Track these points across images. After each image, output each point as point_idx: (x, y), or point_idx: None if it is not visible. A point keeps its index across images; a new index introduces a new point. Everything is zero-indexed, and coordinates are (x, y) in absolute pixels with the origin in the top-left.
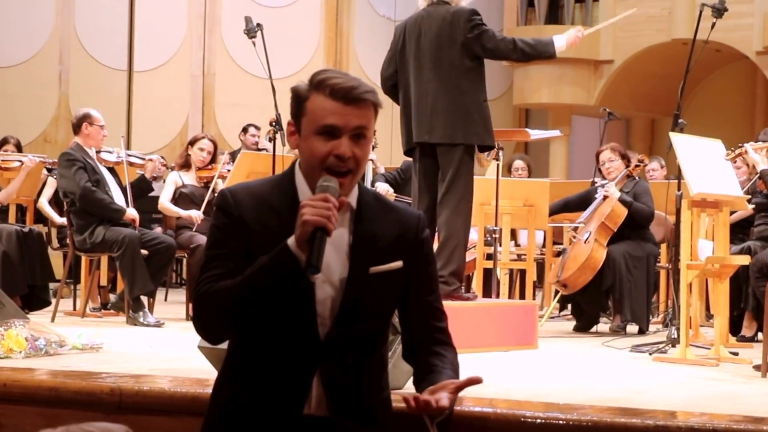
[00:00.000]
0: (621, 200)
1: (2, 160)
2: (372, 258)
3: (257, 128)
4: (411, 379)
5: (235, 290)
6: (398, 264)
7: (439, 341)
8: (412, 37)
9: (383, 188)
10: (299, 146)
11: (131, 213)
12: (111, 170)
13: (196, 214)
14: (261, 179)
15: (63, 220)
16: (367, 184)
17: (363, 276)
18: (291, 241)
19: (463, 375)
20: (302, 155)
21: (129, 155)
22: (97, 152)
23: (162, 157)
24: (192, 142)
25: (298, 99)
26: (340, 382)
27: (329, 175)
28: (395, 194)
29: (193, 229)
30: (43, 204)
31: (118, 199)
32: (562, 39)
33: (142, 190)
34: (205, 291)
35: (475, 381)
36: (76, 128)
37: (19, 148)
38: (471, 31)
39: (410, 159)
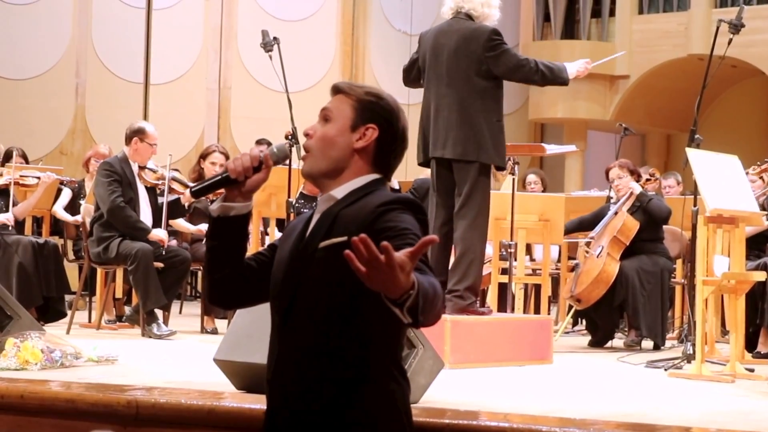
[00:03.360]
0: (640, 196)
1: (20, 176)
2: (325, 235)
3: (270, 144)
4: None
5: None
6: (343, 238)
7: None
8: (432, 49)
9: None
10: None
11: (157, 233)
12: (149, 188)
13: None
14: None
15: (77, 218)
16: None
17: (309, 252)
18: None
19: (478, 391)
20: None
21: (173, 179)
22: (141, 168)
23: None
24: (204, 156)
25: None
26: (292, 361)
27: None
28: None
29: None
30: (57, 210)
31: (147, 219)
32: (573, 67)
33: (173, 212)
34: None
35: (430, 240)
36: (128, 139)
37: (25, 159)
38: (491, 50)
39: (423, 177)
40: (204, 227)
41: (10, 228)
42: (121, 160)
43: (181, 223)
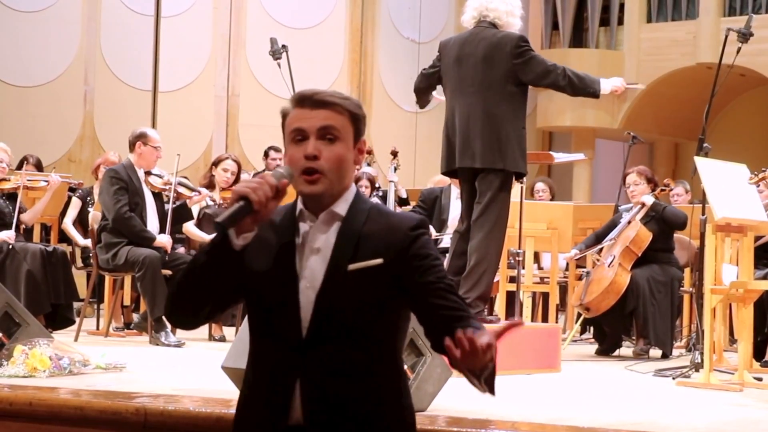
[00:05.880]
0: (654, 206)
1: (28, 180)
2: (352, 256)
3: (277, 150)
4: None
5: (190, 265)
6: (378, 261)
7: (457, 318)
8: (457, 58)
9: None
10: (286, 163)
11: (161, 240)
12: (156, 193)
13: None
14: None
15: (87, 242)
16: (390, 207)
17: (341, 274)
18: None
19: (486, 399)
20: None
21: (179, 183)
22: (147, 173)
23: (212, 196)
24: (216, 163)
25: (282, 118)
26: (321, 388)
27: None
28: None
29: None
30: (68, 225)
31: (153, 225)
32: (608, 84)
33: (181, 217)
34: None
35: (516, 324)
36: (131, 146)
37: (39, 167)
38: (519, 57)
39: (430, 187)
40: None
41: (10, 246)
42: (127, 167)
43: (194, 231)
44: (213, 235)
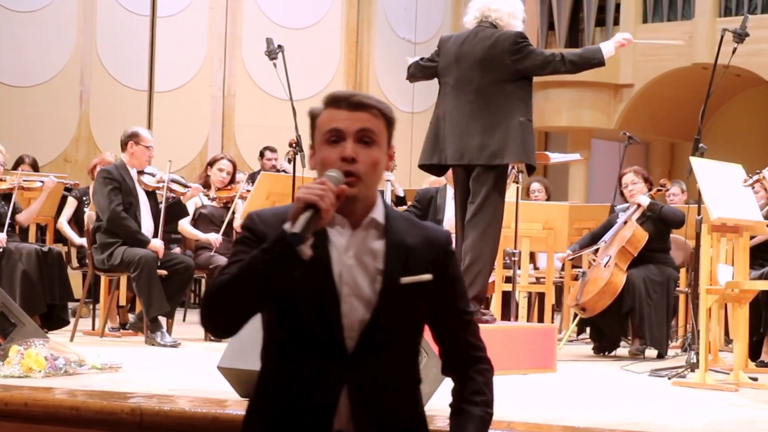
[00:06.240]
0: (650, 206)
1: (24, 181)
2: (403, 269)
3: (273, 150)
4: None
5: (238, 274)
6: (428, 276)
7: (473, 359)
8: (456, 57)
9: None
10: (315, 163)
11: (155, 244)
12: (150, 192)
13: (214, 238)
14: (290, 203)
15: (82, 241)
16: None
17: (394, 287)
18: (287, 224)
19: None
20: (317, 170)
21: (172, 180)
22: (140, 173)
23: (204, 190)
24: (211, 163)
25: (312, 119)
26: (369, 396)
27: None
28: None
29: (212, 251)
30: (63, 225)
31: (148, 224)
32: (610, 44)
33: (177, 214)
34: (212, 283)
35: None
36: (123, 145)
37: (35, 167)
38: (517, 53)
39: (426, 187)
40: (212, 236)
41: (2, 248)
42: (119, 167)
43: (189, 229)
44: (271, 246)
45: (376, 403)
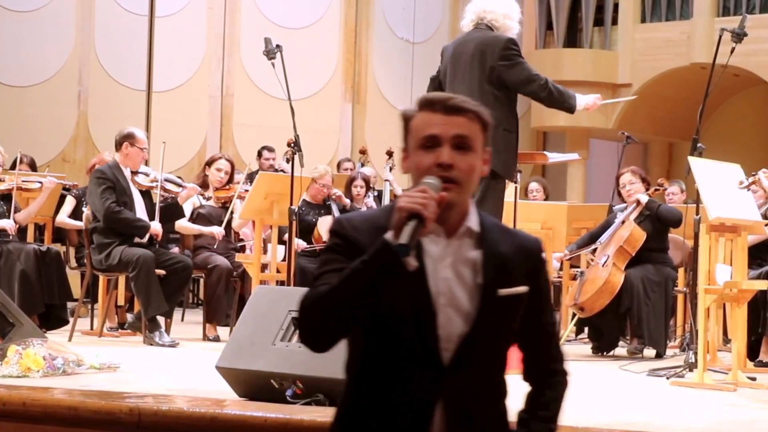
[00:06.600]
0: (648, 204)
1: (22, 181)
2: (500, 281)
3: (270, 150)
4: None
5: (338, 287)
6: (525, 289)
7: (550, 371)
8: (452, 59)
9: None
10: (409, 167)
11: (154, 227)
12: (144, 192)
13: (217, 230)
14: (378, 208)
15: (82, 224)
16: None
17: (493, 299)
18: (388, 233)
19: None
20: (411, 174)
21: (166, 180)
22: (134, 173)
23: (201, 190)
24: (209, 163)
25: (405, 121)
26: (463, 408)
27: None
28: None
29: (214, 247)
30: (63, 218)
31: None
32: (582, 100)
33: (173, 215)
34: (308, 296)
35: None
36: (117, 146)
37: (33, 167)
38: (505, 59)
39: None
40: (215, 229)
41: (11, 237)
42: (113, 167)
43: (187, 225)
44: (375, 257)
45: (470, 415)
